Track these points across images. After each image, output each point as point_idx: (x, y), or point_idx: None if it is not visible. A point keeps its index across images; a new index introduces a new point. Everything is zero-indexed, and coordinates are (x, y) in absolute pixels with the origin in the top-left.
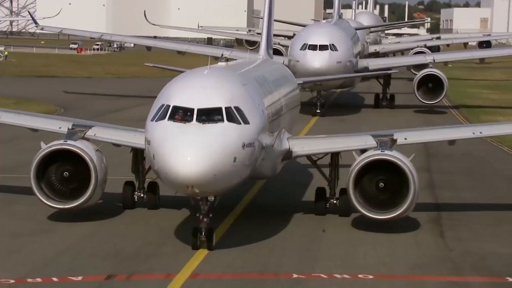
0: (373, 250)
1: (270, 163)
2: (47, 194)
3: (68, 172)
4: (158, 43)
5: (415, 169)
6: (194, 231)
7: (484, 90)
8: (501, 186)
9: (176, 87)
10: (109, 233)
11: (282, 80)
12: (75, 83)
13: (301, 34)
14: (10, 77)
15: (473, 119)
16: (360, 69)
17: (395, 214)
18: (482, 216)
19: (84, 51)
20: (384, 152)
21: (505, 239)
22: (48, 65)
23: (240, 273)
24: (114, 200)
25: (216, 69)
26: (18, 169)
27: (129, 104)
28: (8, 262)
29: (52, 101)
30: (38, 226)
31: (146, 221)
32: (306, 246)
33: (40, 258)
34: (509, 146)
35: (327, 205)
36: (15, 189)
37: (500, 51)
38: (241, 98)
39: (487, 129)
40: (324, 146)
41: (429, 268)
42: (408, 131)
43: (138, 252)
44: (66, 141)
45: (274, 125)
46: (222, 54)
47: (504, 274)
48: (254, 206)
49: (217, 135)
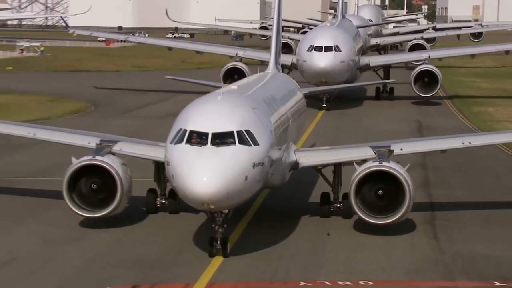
0: (373, 254)
1: (279, 175)
2: (78, 204)
3: (96, 184)
4: (178, 44)
5: (410, 178)
6: (210, 240)
7: (475, 78)
8: (490, 182)
9: (192, 113)
10: (133, 240)
11: (289, 95)
12: (104, 77)
13: (307, 37)
14: (46, 72)
15: (465, 110)
16: (362, 66)
17: (393, 219)
18: (472, 216)
19: (112, 44)
20: (382, 163)
21: (492, 240)
22: (79, 59)
23: (252, 281)
24: (139, 204)
25: (228, 94)
26: (53, 171)
27: (153, 100)
28: (42, 272)
29: (84, 97)
30: (69, 233)
31: (168, 227)
32: (312, 251)
33: (71, 267)
34: None
35: (331, 208)
36: (50, 193)
37: (489, 48)
38: (251, 121)
39: (475, 139)
40: (328, 158)
41: (423, 272)
42: (404, 142)
43: (160, 260)
44: (94, 157)
45: (281, 141)
46: (237, 53)
47: (491, 277)
48: (265, 209)
49: (230, 157)
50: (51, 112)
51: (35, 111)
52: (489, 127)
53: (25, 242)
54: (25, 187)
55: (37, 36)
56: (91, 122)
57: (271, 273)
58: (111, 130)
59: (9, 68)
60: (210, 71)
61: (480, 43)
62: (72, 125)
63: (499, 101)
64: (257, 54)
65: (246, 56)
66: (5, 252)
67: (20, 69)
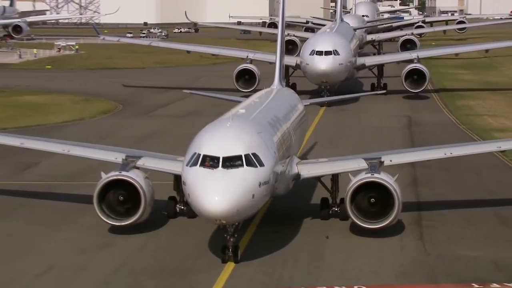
0: (366, 257)
1: (283, 186)
2: (107, 213)
3: (123, 196)
4: (196, 48)
5: (399, 187)
6: (223, 248)
7: (459, 70)
8: (470, 179)
9: (205, 138)
10: (156, 247)
11: (291, 111)
12: (131, 74)
13: (310, 42)
14: (80, 70)
15: (450, 104)
16: (359, 66)
17: (384, 224)
18: (454, 216)
19: None
20: (374, 175)
21: (471, 241)
22: (110, 57)
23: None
24: (161, 207)
25: (236, 120)
26: (86, 175)
27: (174, 97)
28: (76, 281)
29: (113, 96)
30: (100, 240)
31: (186, 232)
32: (313, 256)
33: (101, 276)
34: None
35: (330, 212)
36: (83, 198)
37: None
38: (257, 145)
39: (455, 150)
40: (326, 170)
41: (410, 275)
42: (393, 154)
43: (178, 267)
44: (121, 172)
45: (284, 157)
46: (247, 56)
47: (469, 279)
48: (271, 213)
49: (238, 178)
50: (85, 112)
51: (70, 112)
52: (470, 122)
53: (61, 249)
54: (61, 192)
55: (72, 33)
56: (119, 122)
57: (276, 278)
58: (136, 130)
59: (48, 67)
60: (225, 66)
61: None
62: (103, 126)
63: (480, 94)
64: (265, 56)
65: (256, 58)
66: (44, 260)
67: (57, 68)
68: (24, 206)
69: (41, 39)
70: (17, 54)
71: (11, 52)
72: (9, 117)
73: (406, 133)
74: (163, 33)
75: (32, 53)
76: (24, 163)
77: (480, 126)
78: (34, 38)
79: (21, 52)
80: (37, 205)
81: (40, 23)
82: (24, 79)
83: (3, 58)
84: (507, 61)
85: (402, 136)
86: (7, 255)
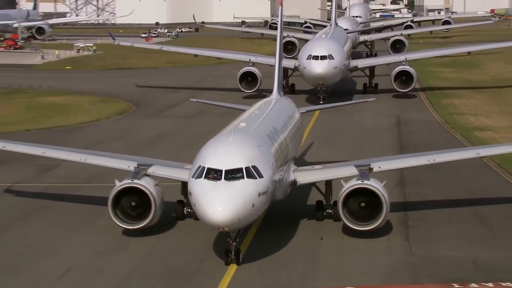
0: (357, 258)
1: (281, 192)
2: (120, 218)
3: (134, 202)
4: (203, 52)
5: (386, 192)
6: (226, 252)
7: (445, 68)
8: (453, 179)
9: (209, 152)
10: (165, 249)
11: (288, 121)
12: (144, 74)
13: (307, 47)
14: (97, 71)
15: (435, 103)
16: (352, 68)
17: (373, 226)
18: (438, 215)
19: (151, 40)
20: (363, 182)
21: (452, 241)
22: (124, 57)
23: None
24: (170, 209)
25: (238, 134)
26: (103, 177)
27: (183, 98)
28: (93, 283)
29: (128, 96)
30: (115, 242)
31: (192, 234)
32: (309, 257)
33: (116, 279)
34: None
35: (324, 213)
36: (99, 200)
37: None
38: (257, 158)
39: (438, 156)
40: (320, 176)
41: (397, 275)
42: (381, 161)
43: (186, 270)
44: (133, 180)
45: (282, 166)
46: (250, 59)
47: (451, 279)
48: (270, 214)
49: (239, 189)
50: (102, 113)
51: (88, 113)
52: (454, 121)
53: (79, 252)
54: (79, 194)
55: (90, 33)
56: (133, 123)
57: (275, 280)
58: (148, 131)
59: (68, 68)
60: (229, 65)
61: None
62: (118, 127)
63: (463, 93)
64: (266, 59)
65: (257, 61)
66: (63, 263)
67: (77, 68)
68: (46, 209)
69: (62, 39)
70: (40, 55)
71: (35, 53)
72: (33, 118)
73: (395, 133)
74: (173, 33)
75: (54, 54)
76: (45, 165)
77: (463, 125)
78: (55, 39)
79: (43, 53)
80: (58, 207)
81: (61, 24)
82: (47, 80)
83: (28, 59)
84: (488, 59)
85: (391, 136)
86: (30, 257)
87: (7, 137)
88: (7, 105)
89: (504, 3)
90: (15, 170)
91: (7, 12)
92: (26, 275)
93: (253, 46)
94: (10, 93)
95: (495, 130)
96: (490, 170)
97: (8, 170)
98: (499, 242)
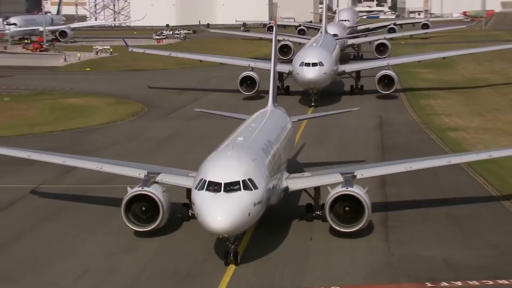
0: (342, 258)
1: (274, 198)
2: (132, 221)
3: (144, 207)
4: (207, 58)
5: (368, 198)
6: (225, 254)
7: (423, 69)
8: (429, 179)
9: (210, 166)
10: (171, 250)
11: (281, 132)
12: (154, 76)
13: (300, 54)
14: (113, 72)
15: (414, 103)
16: (340, 72)
17: (357, 228)
18: (414, 215)
19: (162, 42)
20: (348, 189)
21: (427, 240)
22: (137, 59)
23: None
24: (177, 210)
25: (236, 149)
26: (118, 178)
27: (190, 99)
28: (107, 283)
29: (140, 98)
30: (127, 243)
31: (195, 236)
32: (300, 258)
33: (127, 279)
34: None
35: (313, 215)
36: (114, 201)
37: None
38: (252, 171)
39: (413, 164)
40: (309, 183)
41: (376, 275)
42: (363, 169)
43: (189, 270)
44: (143, 188)
45: (275, 175)
46: (249, 64)
47: (424, 279)
48: (266, 215)
49: (237, 200)
50: (117, 115)
51: (105, 114)
52: (430, 121)
53: (95, 253)
54: (96, 195)
55: (107, 34)
56: (144, 124)
57: (269, 280)
58: (157, 132)
59: (87, 69)
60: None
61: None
62: (131, 128)
63: (439, 93)
64: (264, 64)
65: (256, 66)
66: (79, 264)
67: (95, 70)
68: (66, 209)
69: (82, 41)
70: (63, 57)
71: (58, 55)
72: (56, 119)
73: (378, 133)
74: (181, 35)
75: (76, 56)
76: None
77: (438, 126)
78: (76, 41)
79: (65, 56)
80: (76, 208)
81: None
82: (68, 81)
83: (52, 61)
84: (461, 60)
85: (375, 137)
86: (51, 258)
87: (34, 139)
88: (34, 106)
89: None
90: (41, 171)
91: (34, 18)
92: (48, 276)
93: (253, 46)
94: (36, 95)
95: (466, 131)
96: (462, 170)
97: (34, 172)
98: (468, 241)
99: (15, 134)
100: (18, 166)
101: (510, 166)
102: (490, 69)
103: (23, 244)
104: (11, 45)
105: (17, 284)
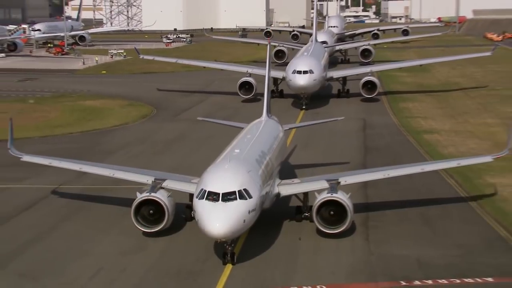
0: (327, 258)
1: (267, 203)
2: (141, 223)
3: (152, 210)
4: (210, 65)
5: (351, 202)
6: (223, 254)
7: (402, 73)
8: (405, 181)
9: (209, 177)
10: (175, 249)
11: (274, 141)
12: (163, 78)
13: (292, 63)
14: (126, 75)
15: (394, 106)
16: (328, 78)
17: (341, 229)
18: (392, 215)
19: (170, 45)
20: (332, 195)
21: (402, 240)
22: (149, 62)
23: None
24: (181, 211)
25: (232, 162)
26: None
27: (195, 101)
28: (118, 282)
29: (150, 100)
30: (137, 243)
31: (198, 237)
32: (289, 257)
33: (136, 278)
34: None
35: (302, 216)
36: (126, 201)
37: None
38: (247, 182)
39: (392, 172)
40: (299, 189)
41: (357, 275)
42: (347, 176)
43: (191, 269)
44: (150, 193)
45: (268, 183)
46: (247, 70)
47: (399, 278)
48: (260, 217)
49: (233, 208)
50: (129, 117)
51: (119, 116)
52: (408, 124)
53: (108, 252)
54: (110, 195)
55: (122, 38)
56: (154, 126)
57: (262, 279)
58: (165, 134)
59: (103, 72)
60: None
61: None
62: (142, 130)
63: (417, 96)
64: (261, 71)
65: (254, 72)
66: (95, 262)
67: (110, 73)
68: (84, 209)
69: (99, 45)
70: (81, 61)
71: (77, 58)
72: (75, 121)
73: (361, 136)
74: (187, 39)
75: (93, 60)
76: None
77: (414, 128)
78: (94, 45)
79: (84, 59)
80: (93, 208)
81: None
82: (86, 84)
83: (71, 64)
84: (437, 64)
85: (358, 138)
86: (69, 257)
87: (55, 140)
88: (55, 108)
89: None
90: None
91: (56, 24)
92: (66, 275)
93: (251, 50)
94: (58, 97)
95: (440, 133)
96: (435, 172)
97: (55, 172)
98: (438, 241)
99: (39, 135)
100: (42, 167)
101: (477, 168)
102: (461, 73)
103: (45, 243)
104: (36, 49)
105: (38, 282)
